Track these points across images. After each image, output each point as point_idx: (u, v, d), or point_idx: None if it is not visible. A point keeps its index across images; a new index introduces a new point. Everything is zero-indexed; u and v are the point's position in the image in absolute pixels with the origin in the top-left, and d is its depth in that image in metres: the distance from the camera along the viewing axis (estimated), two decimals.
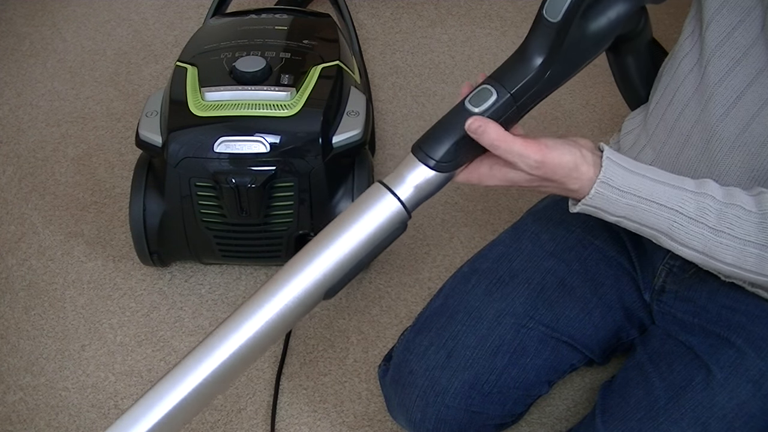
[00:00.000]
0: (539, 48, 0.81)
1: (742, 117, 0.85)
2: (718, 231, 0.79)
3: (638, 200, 0.80)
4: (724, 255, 0.81)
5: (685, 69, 0.92)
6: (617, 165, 0.81)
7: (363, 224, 0.80)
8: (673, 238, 0.81)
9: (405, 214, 0.81)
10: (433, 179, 0.81)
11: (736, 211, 0.79)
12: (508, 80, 0.82)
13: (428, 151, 0.80)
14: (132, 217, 1.23)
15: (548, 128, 1.60)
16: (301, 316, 0.82)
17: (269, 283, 0.80)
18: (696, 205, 0.80)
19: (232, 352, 0.79)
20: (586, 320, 1.02)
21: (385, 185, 0.81)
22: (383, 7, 1.89)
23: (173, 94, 1.21)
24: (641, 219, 0.82)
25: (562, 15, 0.79)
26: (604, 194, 0.80)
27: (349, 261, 0.80)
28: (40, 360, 1.25)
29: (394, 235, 0.82)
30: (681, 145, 0.92)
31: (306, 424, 1.17)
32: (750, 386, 0.90)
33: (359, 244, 0.80)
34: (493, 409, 0.99)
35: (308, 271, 0.80)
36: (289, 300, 0.80)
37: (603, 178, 0.80)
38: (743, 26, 0.85)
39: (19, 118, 1.64)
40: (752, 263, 0.80)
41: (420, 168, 0.80)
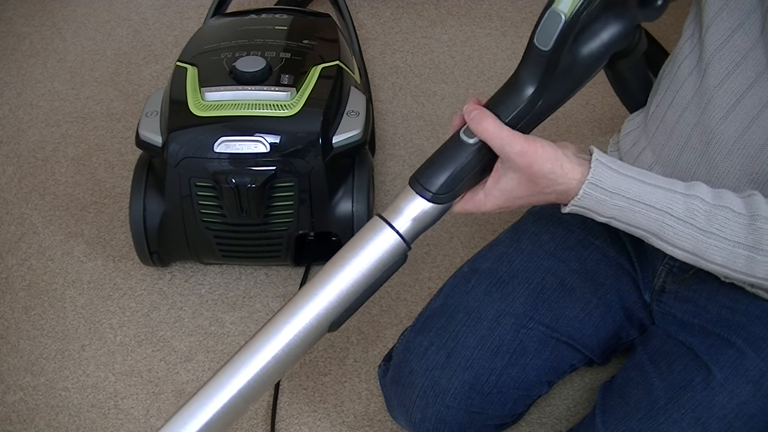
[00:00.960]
0: (531, 77, 0.82)
1: (742, 120, 0.85)
2: (707, 232, 0.80)
3: (627, 201, 0.81)
4: (713, 256, 0.81)
5: (685, 72, 0.92)
6: (606, 167, 0.81)
7: (363, 258, 0.82)
8: (663, 238, 0.82)
9: (404, 247, 0.82)
10: (431, 211, 0.82)
11: (725, 213, 0.80)
12: (501, 110, 0.82)
13: (425, 184, 0.81)
14: (132, 217, 1.23)
15: (548, 128, 1.60)
16: (306, 350, 0.84)
17: (275, 319, 0.82)
18: (685, 207, 0.80)
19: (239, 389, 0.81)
20: (586, 320, 1.02)
21: (384, 219, 0.82)
22: (383, 7, 1.89)
23: (173, 94, 1.21)
24: (630, 220, 0.82)
25: (553, 43, 0.79)
26: (593, 195, 0.81)
27: (351, 294, 0.82)
28: (40, 360, 1.25)
29: (395, 267, 0.83)
30: (681, 148, 0.92)
31: (306, 424, 1.17)
32: (750, 386, 0.90)
33: (360, 277, 0.82)
34: (493, 409, 0.99)
35: (311, 306, 0.82)
36: (294, 335, 0.82)
37: (592, 179, 0.80)
38: (743, 29, 0.85)
39: (19, 118, 1.64)
40: (741, 264, 0.81)
41: (417, 200, 0.82)
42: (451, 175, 0.81)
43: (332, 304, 0.82)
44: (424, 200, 0.82)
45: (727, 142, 0.87)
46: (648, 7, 0.87)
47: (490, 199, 0.84)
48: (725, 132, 0.87)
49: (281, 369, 0.83)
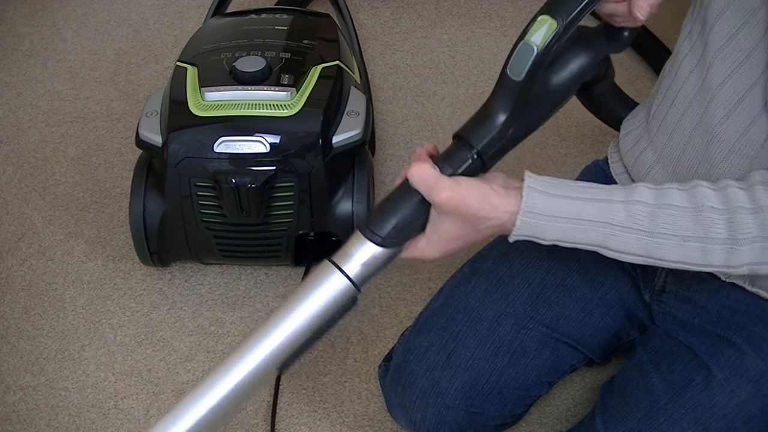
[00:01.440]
0: (503, 106, 0.84)
1: (743, 120, 0.85)
2: (653, 233, 0.79)
3: (566, 222, 0.81)
4: (666, 254, 0.80)
5: (686, 71, 0.92)
6: (539, 192, 0.81)
7: (312, 302, 0.83)
8: (612, 248, 0.82)
9: (354, 291, 0.84)
10: (380, 255, 0.84)
11: (669, 211, 0.79)
12: (473, 137, 0.85)
13: (374, 229, 0.83)
14: (132, 217, 1.23)
15: (548, 128, 1.60)
16: (253, 393, 0.87)
17: (223, 362, 0.83)
18: (626, 213, 0.80)
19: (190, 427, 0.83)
20: (586, 320, 1.02)
21: (335, 263, 0.84)
22: (383, 7, 1.89)
23: (173, 94, 1.21)
24: (574, 238, 0.82)
25: (525, 74, 0.82)
26: (530, 223, 0.81)
27: (300, 337, 0.84)
28: (40, 360, 1.25)
29: (344, 310, 0.85)
30: (682, 147, 0.92)
31: (306, 424, 1.17)
32: (750, 386, 0.90)
33: (309, 321, 0.83)
34: (494, 409, 0.99)
35: (261, 348, 0.83)
36: (243, 376, 0.83)
37: (525, 207, 0.81)
38: (747, 28, 0.85)
39: (19, 118, 1.64)
40: (696, 257, 0.80)
41: (367, 245, 0.83)
42: (399, 221, 0.83)
43: (281, 347, 0.83)
44: (374, 245, 0.83)
45: (728, 142, 0.86)
46: (614, 40, 0.91)
47: (432, 246, 0.85)
48: (726, 132, 0.86)
49: (225, 412, 0.84)
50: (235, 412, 0.86)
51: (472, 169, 0.85)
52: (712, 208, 0.78)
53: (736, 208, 0.77)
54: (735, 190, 0.78)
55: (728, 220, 0.77)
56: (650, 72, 1.71)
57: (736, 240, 0.77)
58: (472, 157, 0.85)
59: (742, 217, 0.76)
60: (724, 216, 0.77)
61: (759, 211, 0.76)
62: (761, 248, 0.77)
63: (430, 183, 0.81)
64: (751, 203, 0.77)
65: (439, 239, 0.84)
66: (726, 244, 0.77)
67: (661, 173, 0.95)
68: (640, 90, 1.66)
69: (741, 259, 0.78)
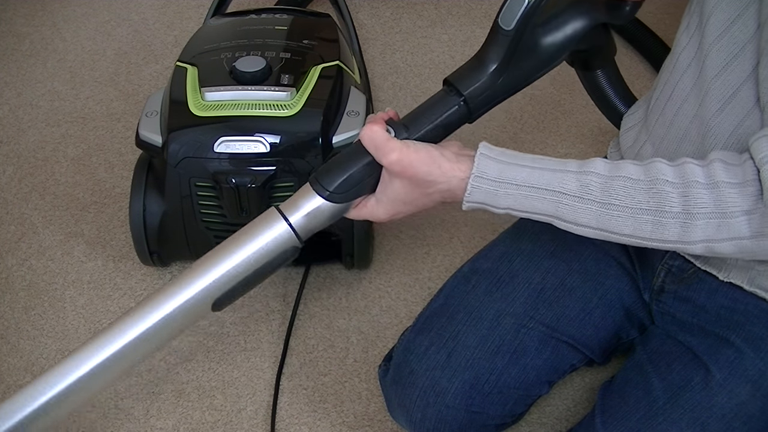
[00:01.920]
0: (494, 55, 0.87)
1: (737, 114, 0.85)
2: (606, 204, 0.80)
3: (517, 188, 0.82)
4: (619, 227, 0.80)
5: (684, 63, 0.92)
6: (491, 159, 0.82)
7: (253, 244, 0.85)
8: (564, 218, 0.82)
9: (295, 239, 0.86)
10: (326, 209, 0.85)
11: (622, 182, 0.79)
12: (462, 83, 0.87)
13: (323, 182, 0.85)
14: (132, 217, 1.23)
15: (548, 128, 1.60)
16: (188, 325, 0.88)
17: (157, 292, 0.86)
18: (579, 183, 0.80)
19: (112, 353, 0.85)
20: (586, 320, 1.02)
21: (280, 211, 0.86)
22: (383, 7, 1.89)
23: (173, 94, 1.21)
24: (525, 206, 0.83)
25: (515, 23, 0.85)
26: (481, 188, 0.82)
27: (237, 276, 0.86)
28: (40, 360, 1.25)
29: (284, 257, 0.87)
30: (679, 141, 0.92)
31: (306, 424, 1.17)
32: (749, 386, 0.90)
33: (247, 261, 0.85)
34: (494, 409, 0.99)
35: (197, 283, 0.85)
36: (175, 308, 0.85)
37: (476, 172, 0.82)
38: (741, 20, 0.85)
39: (19, 118, 1.64)
40: (649, 230, 0.79)
41: (314, 198, 0.86)
42: (348, 177, 0.85)
43: (216, 283, 0.85)
44: (321, 198, 0.85)
45: (722, 135, 0.86)
46: (615, 11, 0.92)
47: (381, 206, 0.87)
48: (720, 125, 0.86)
49: (158, 341, 0.86)
50: (164, 343, 0.88)
51: (458, 117, 0.87)
52: (667, 182, 0.78)
53: (691, 182, 0.77)
54: (692, 166, 0.78)
55: (682, 194, 0.77)
56: (650, 72, 1.71)
57: (691, 214, 0.77)
58: (459, 104, 0.87)
59: (696, 192, 0.76)
60: (678, 190, 0.77)
61: (714, 187, 0.76)
62: (716, 225, 0.77)
63: (379, 144, 0.82)
64: (707, 178, 0.77)
65: (388, 201, 0.86)
66: (680, 218, 0.77)
67: None
68: (640, 90, 1.65)
69: (695, 234, 0.78)
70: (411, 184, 0.83)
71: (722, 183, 0.76)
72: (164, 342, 0.88)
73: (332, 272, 1.36)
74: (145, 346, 0.86)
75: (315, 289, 1.34)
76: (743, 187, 0.75)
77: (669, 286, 1.01)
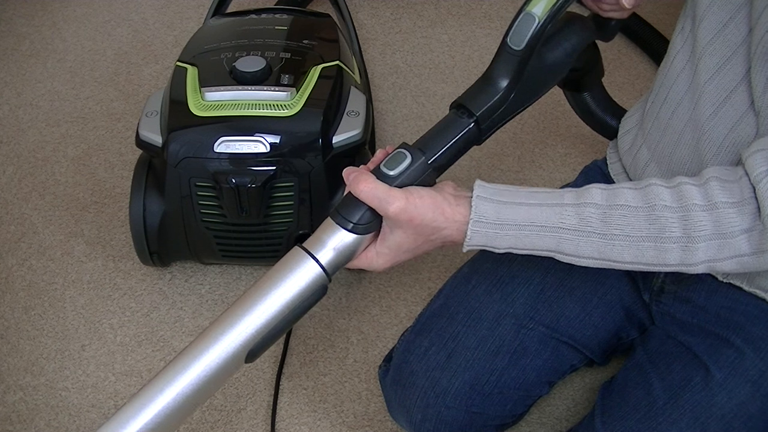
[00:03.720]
0: (504, 73, 0.88)
1: (731, 117, 0.84)
2: (607, 235, 0.79)
3: (518, 228, 0.80)
4: (621, 255, 0.80)
5: (678, 67, 0.92)
6: (488, 201, 0.81)
7: (283, 289, 0.82)
8: (566, 252, 0.81)
9: (325, 278, 0.83)
10: (351, 242, 0.84)
11: (621, 211, 0.78)
12: (473, 104, 0.88)
13: (345, 215, 0.83)
14: (132, 217, 1.23)
15: (548, 128, 1.60)
16: (220, 384, 0.83)
17: (189, 349, 0.80)
18: (578, 217, 0.79)
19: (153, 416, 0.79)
20: (586, 320, 1.02)
21: (306, 250, 0.83)
22: (383, 7, 1.89)
23: (173, 94, 1.21)
24: (528, 245, 0.82)
25: (525, 43, 0.86)
26: (481, 231, 0.81)
27: (270, 325, 0.82)
28: (40, 360, 1.25)
29: (314, 298, 0.84)
30: (674, 144, 0.92)
31: (306, 424, 1.17)
32: (749, 386, 0.90)
33: (280, 309, 0.82)
34: (494, 409, 0.99)
35: (229, 337, 0.81)
36: (208, 366, 0.80)
37: (475, 216, 0.80)
38: (734, 23, 0.84)
39: (19, 118, 1.64)
40: (651, 256, 0.79)
41: (339, 231, 0.83)
42: (368, 209, 0.83)
43: (250, 335, 0.81)
44: (345, 231, 0.83)
45: (717, 138, 0.86)
46: (602, 29, 0.97)
47: (381, 257, 0.85)
48: (714, 128, 0.86)
49: (190, 405, 0.80)
50: (199, 404, 0.82)
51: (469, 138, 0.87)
52: (666, 207, 0.77)
53: (690, 205, 0.76)
54: (688, 187, 0.77)
55: (682, 218, 0.76)
56: (650, 72, 1.71)
57: (691, 237, 0.76)
58: (470, 124, 0.87)
59: (696, 215, 0.76)
60: (677, 214, 0.77)
61: (713, 208, 0.76)
62: (717, 245, 0.76)
63: (381, 196, 0.80)
64: (704, 200, 0.76)
65: (389, 251, 0.84)
66: (680, 242, 0.77)
67: (656, 171, 0.95)
68: (640, 90, 1.66)
69: (697, 256, 0.77)
70: (415, 232, 0.82)
71: (720, 203, 0.75)
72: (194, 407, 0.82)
73: None
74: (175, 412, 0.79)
75: None
76: (741, 206, 0.75)
77: (669, 287, 1.00)
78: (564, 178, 1.50)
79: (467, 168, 1.51)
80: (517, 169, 1.53)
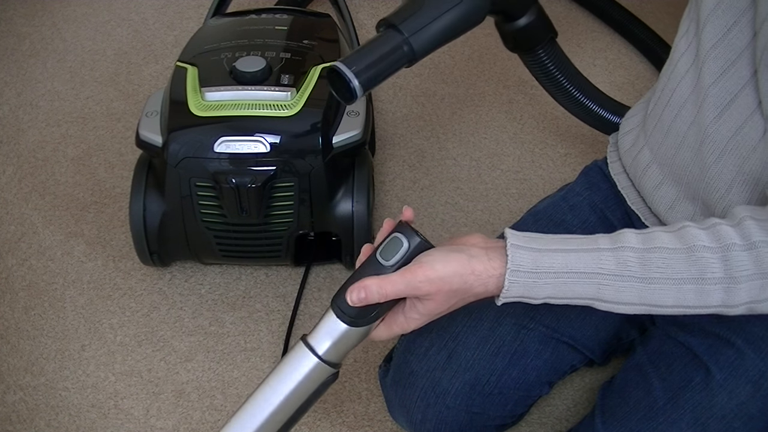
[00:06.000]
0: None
1: (735, 120, 0.84)
2: (647, 279, 0.76)
3: (556, 276, 0.77)
4: (662, 299, 0.77)
5: (682, 69, 0.92)
6: (524, 249, 0.78)
7: (287, 384, 0.82)
8: (606, 299, 0.78)
9: (329, 369, 0.83)
10: (352, 333, 0.82)
11: (660, 254, 0.76)
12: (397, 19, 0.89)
13: (343, 308, 0.80)
14: (132, 217, 1.23)
15: (548, 128, 1.60)
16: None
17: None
18: (616, 261, 0.77)
19: None
20: (586, 321, 1.02)
21: (307, 344, 0.82)
22: (383, 7, 1.89)
23: (173, 94, 1.21)
24: (566, 293, 0.79)
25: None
26: (518, 282, 0.77)
27: (281, 418, 0.83)
28: (40, 360, 1.25)
29: (325, 386, 0.84)
30: (677, 147, 0.91)
31: (306, 424, 1.17)
32: (749, 387, 0.90)
33: (288, 404, 0.82)
34: (494, 409, 0.99)
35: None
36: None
37: (512, 266, 0.77)
38: (738, 27, 0.84)
39: (19, 118, 1.64)
40: (693, 299, 0.77)
41: (338, 324, 0.81)
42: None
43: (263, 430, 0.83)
44: (344, 324, 0.81)
45: (720, 142, 0.86)
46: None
47: (412, 322, 0.82)
48: (718, 132, 0.86)
49: None
50: None
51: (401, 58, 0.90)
52: (705, 248, 0.75)
53: (729, 245, 0.74)
54: (724, 228, 0.76)
55: (723, 258, 0.74)
56: (650, 72, 1.71)
57: (734, 278, 0.75)
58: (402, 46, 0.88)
59: (736, 255, 0.74)
60: (717, 254, 0.75)
61: (752, 247, 0.74)
62: (759, 285, 0.75)
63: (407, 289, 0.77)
64: (743, 240, 0.74)
65: (420, 316, 0.81)
66: (723, 283, 0.75)
67: (657, 173, 0.95)
68: (640, 90, 1.66)
69: (739, 298, 0.76)
70: (446, 296, 0.78)
71: (760, 243, 0.74)
72: None
73: (332, 272, 1.36)
74: None
75: (315, 289, 1.34)
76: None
77: None
78: (564, 178, 1.50)
79: (467, 168, 1.51)
80: (517, 169, 1.52)
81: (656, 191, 0.96)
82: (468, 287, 0.78)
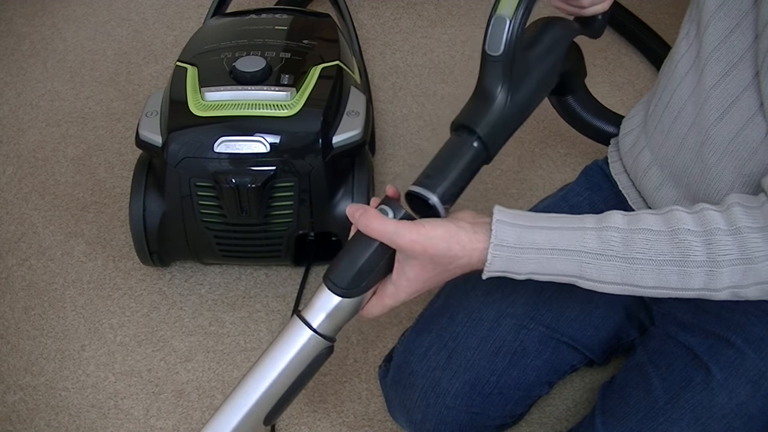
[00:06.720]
0: (493, 82, 0.86)
1: (737, 122, 0.84)
2: (629, 258, 0.77)
3: (539, 252, 0.79)
4: (644, 280, 0.78)
5: (682, 71, 0.92)
6: (509, 225, 0.79)
7: (283, 358, 0.84)
8: (588, 277, 0.79)
9: (324, 342, 0.84)
10: (345, 305, 0.84)
11: (643, 235, 0.77)
12: (472, 121, 0.86)
13: (335, 280, 0.83)
14: (132, 217, 1.23)
15: (548, 127, 1.60)
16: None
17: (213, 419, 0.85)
18: (599, 240, 0.78)
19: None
20: (586, 321, 1.02)
21: (302, 318, 0.84)
22: (383, 7, 1.89)
23: (173, 94, 1.21)
24: (549, 269, 0.80)
25: (503, 47, 0.84)
26: (501, 256, 0.79)
27: (278, 392, 0.85)
28: (40, 360, 1.25)
29: (320, 360, 0.86)
30: (677, 148, 0.92)
31: (306, 424, 1.17)
32: (749, 386, 0.90)
33: (284, 377, 0.84)
34: (494, 409, 0.99)
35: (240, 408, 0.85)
36: None
37: (495, 241, 0.79)
38: (740, 30, 0.84)
39: (19, 118, 1.64)
40: (675, 281, 0.77)
41: (330, 297, 0.83)
42: (358, 270, 0.82)
43: (260, 405, 0.84)
44: (336, 296, 0.83)
45: (721, 144, 0.86)
46: (589, 25, 0.96)
47: (401, 290, 0.84)
48: (719, 133, 0.86)
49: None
50: None
51: (475, 156, 0.85)
52: (689, 231, 0.76)
53: (713, 229, 0.75)
54: (711, 212, 0.76)
55: (706, 242, 0.75)
56: (650, 72, 1.71)
57: (716, 262, 0.75)
58: (474, 143, 0.85)
59: (720, 239, 0.75)
60: (701, 238, 0.75)
61: (737, 233, 0.74)
62: (742, 271, 0.75)
63: (391, 230, 0.79)
64: (728, 225, 0.75)
65: (408, 283, 0.83)
66: (705, 266, 0.76)
67: (658, 174, 0.95)
68: (640, 90, 1.66)
69: (722, 282, 0.76)
70: (431, 262, 0.80)
71: (744, 228, 0.74)
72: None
73: None
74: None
75: (315, 288, 1.33)
76: (766, 231, 0.74)
77: None
78: (564, 178, 1.50)
79: None
80: (517, 169, 1.52)
81: (657, 192, 0.96)
82: (452, 255, 0.80)
